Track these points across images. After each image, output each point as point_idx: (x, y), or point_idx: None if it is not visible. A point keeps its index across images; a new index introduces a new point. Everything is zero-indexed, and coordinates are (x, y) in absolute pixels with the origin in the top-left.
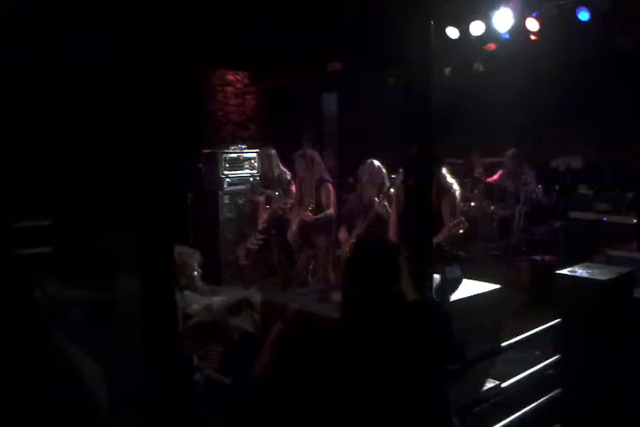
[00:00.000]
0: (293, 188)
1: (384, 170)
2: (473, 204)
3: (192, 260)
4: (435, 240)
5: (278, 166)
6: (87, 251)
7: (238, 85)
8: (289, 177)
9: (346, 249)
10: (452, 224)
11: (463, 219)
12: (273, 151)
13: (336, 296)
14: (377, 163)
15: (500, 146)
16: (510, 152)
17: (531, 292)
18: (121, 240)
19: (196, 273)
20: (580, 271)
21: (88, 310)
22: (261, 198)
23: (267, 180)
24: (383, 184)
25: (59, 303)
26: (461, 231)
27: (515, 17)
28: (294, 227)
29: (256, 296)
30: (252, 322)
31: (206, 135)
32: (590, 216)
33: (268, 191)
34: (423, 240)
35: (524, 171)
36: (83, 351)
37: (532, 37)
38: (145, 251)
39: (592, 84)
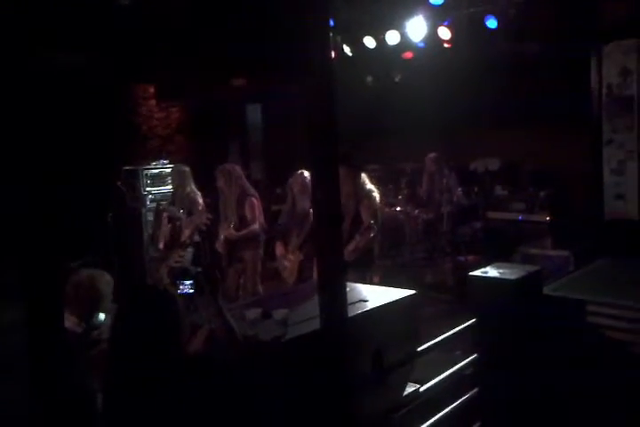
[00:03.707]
0: (200, 206)
1: None
2: (398, 208)
3: (103, 284)
4: (351, 246)
5: (190, 184)
6: None
7: None
8: (199, 197)
9: (283, 263)
10: (362, 230)
11: (372, 222)
12: (186, 168)
13: (254, 313)
14: (307, 173)
15: (422, 151)
16: (431, 156)
17: (455, 292)
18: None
19: (108, 297)
20: (491, 272)
21: None
22: (164, 215)
23: (177, 196)
24: None
25: None
26: (372, 235)
27: (427, 26)
28: (221, 239)
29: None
30: None
31: (131, 150)
32: (507, 216)
33: (171, 208)
34: (333, 255)
35: (444, 174)
36: None
37: (446, 45)
38: (29, 279)
39: (504, 88)
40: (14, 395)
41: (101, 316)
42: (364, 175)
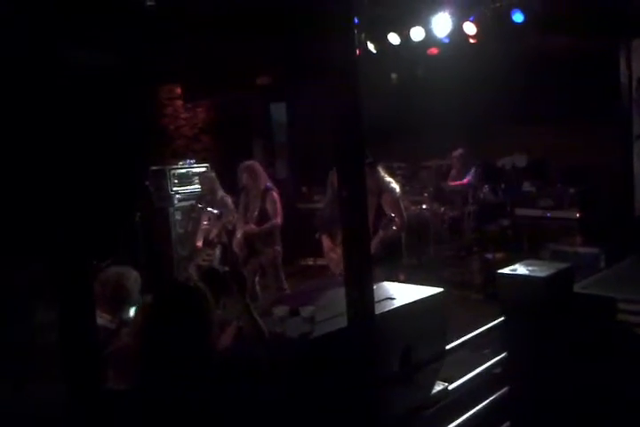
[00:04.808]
0: (231, 207)
1: None
2: (424, 206)
3: (130, 281)
4: (376, 240)
5: (219, 188)
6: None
7: None
8: (230, 200)
9: (331, 256)
10: (384, 223)
11: (392, 215)
12: (212, 174)
13: (282, 310)
14: None
15: (448, 148)
16: (456, 153)
17: (483, 290)
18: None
19: (135, 293)
20: (520, 269)
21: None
22: (204, 216)
23: (208, 202)
24: None
25: None
26: (395, 227)
27: (453, 21)
28: (239, 236)
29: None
30: None
31: (158, 150)
32: (535, 212)
33: (209, 209)
34: (360, 253)
35: (470, 171)
36: None
37: (471, 41)
38: (61, 279)
39: (532, 83)
40: (50, 394)
41: (131, 311)
42: (381, 169)
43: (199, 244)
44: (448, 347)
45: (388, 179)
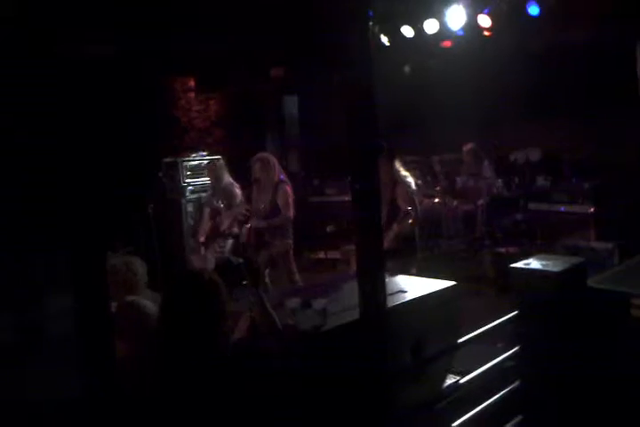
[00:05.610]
0: (239, 198)
1: None
2: (437, 200)
3: (139, 269)
4: (391, 234)
5: (226, 177)
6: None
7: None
8: (237, 189)
9: None
10: (400, 217)
11: (410, 208)
12: (220, 161)
13: (294, 303)
14: None
15: (461, 142)
16: (467, 147)
17: (496, 284)
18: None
19: (144, 279)
20: (534, 263)
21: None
22: (207, 209)
23: (215, 190)
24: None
25: None
26: (410, 221)
27: (467, 14)
28: (249, 229)
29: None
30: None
31: (170, 143)
32: (549, 207)
33: (212, 201)
34: (372, 245)
35: (482, 164)
36: None
37: (486, 33)
38: (78, 266)
39: (546, 76)
40: (66, 381)
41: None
42: (397, 162)
43: (202, 239)
44: (460, 340)
45: (404, 173)
